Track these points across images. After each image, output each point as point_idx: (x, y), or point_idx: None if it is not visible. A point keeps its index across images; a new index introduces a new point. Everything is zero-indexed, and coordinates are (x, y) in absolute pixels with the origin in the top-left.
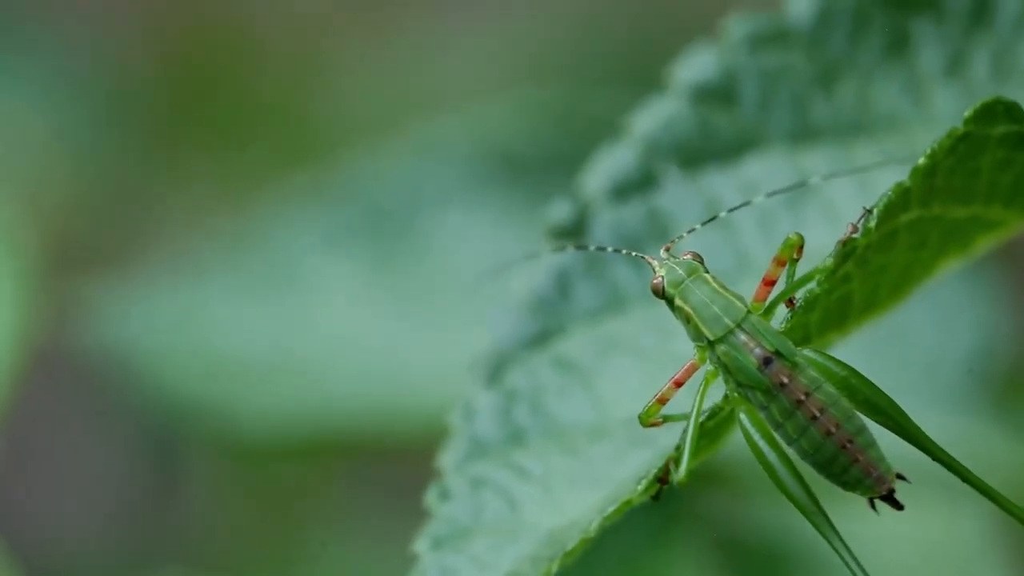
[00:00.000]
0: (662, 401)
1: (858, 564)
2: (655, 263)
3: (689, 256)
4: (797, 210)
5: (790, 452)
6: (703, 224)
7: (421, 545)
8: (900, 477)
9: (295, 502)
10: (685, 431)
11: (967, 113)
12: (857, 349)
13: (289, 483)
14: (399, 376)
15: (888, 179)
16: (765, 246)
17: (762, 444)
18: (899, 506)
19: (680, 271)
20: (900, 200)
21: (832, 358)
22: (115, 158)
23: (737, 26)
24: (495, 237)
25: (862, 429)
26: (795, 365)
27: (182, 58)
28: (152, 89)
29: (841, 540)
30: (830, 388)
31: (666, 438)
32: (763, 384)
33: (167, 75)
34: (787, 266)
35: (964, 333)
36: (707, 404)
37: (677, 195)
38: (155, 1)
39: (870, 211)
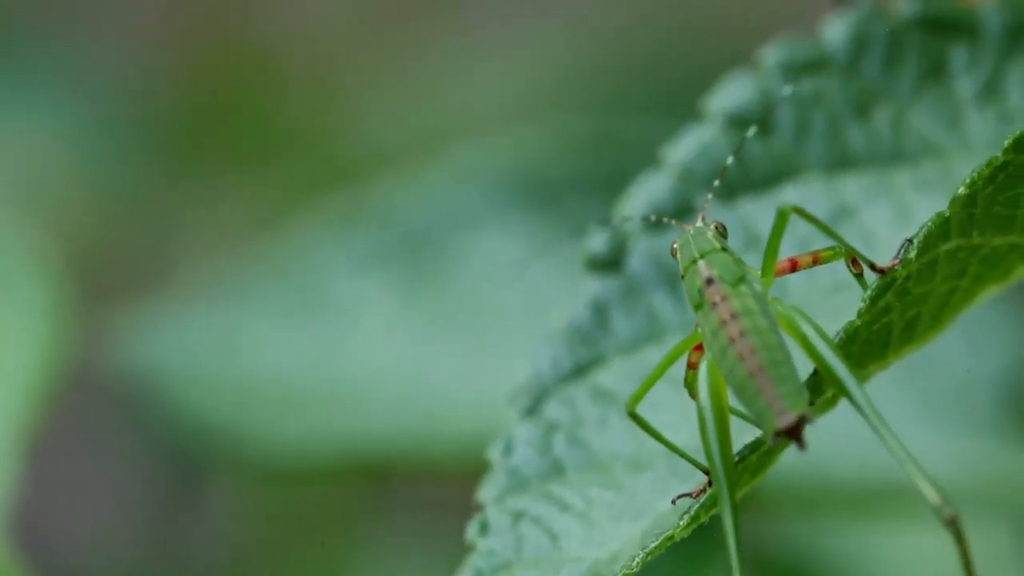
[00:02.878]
0: (691, 366)
1: (742, 560)
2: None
3: (713, 224)
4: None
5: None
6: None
7: None
8: (804, 419)
9: (324, 527)
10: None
11: (1007, 142)
12: (887, 373)
13: (318, 508)
14: (430, 401)
15: (926, 207)
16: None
17: (705, 399)
18: (801, 445)
19: (692, 233)
20: (940, 230)
21: (792, 308)
22: (138, 182)
23: (772, 54)
24: (526, 260)
25: (777, 363)
26: (734, 290)
27: (205, 81)
28: (175, 113)
29: (736, 525)
30: (761, 320)
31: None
32: (701, 303)
33: (190, 99)
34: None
35: (995, 357)
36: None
37: None
38: (178, 25)
39: (910, 241)
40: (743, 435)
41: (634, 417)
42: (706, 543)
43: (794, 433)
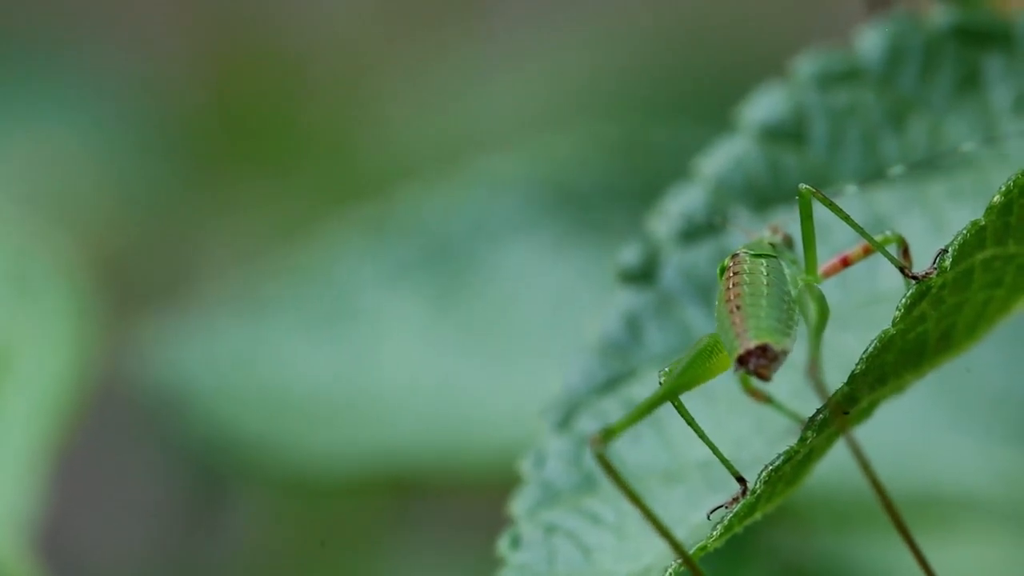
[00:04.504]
0: None
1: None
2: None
3: (780, 235)
4: None
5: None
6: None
7: None
8: (767, 349)
9: (349, 540)
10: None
11: None
12: (922, 381)
13: (344, 521)
14: (458, 414)
15: (961, 219)
16: (837, 283)
17: (703, 344)
18: (763, 376)
19: (754, 239)
20: (975, 238)
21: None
22: (163, 191)
23: (806, 64)
24: (557, 270)
25: (757, 305)
26: (753, 260)
27: (228, 90)
28: (199, 122)
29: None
30: (763, 279)
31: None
32: (721, 275)
33: (213, 106)
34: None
35: None
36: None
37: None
38: (201, 31)
39: (945, 250)
40: (777, 446)
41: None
42: (739, 555)
43: (755, 359)
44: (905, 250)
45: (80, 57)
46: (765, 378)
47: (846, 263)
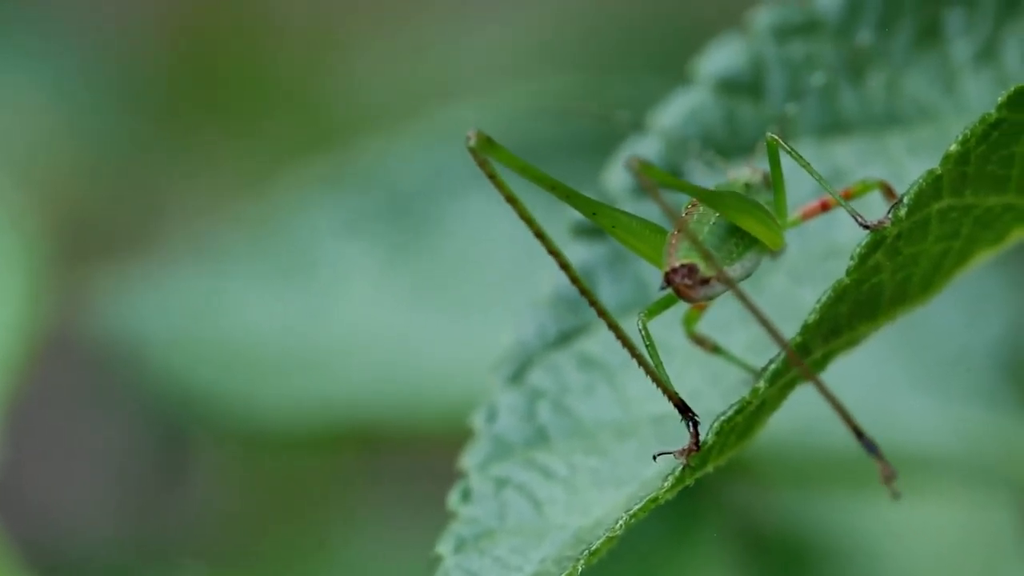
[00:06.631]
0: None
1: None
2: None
3: (759, 175)
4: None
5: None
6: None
7: (444, 547)
8: (692, 269)
9: (309, 494)
10: None
11: (1000, 99)
12: (883, 339)
13: (303, 474)
14: (417, 365)
15: (921, 171)
16: (795, 235)
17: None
18: (687, 296)
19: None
20: (931, 188)
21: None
22: (126, 142)
23: (763, 16)
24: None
25: (694, 231)
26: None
27: (196, 39)
28: (165, 71)
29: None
30: (715, 212)
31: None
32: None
33: (180, 57)
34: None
35: (992, 324)
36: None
37: None
38: None
39: (900, 199)
40: (731, 399)
41: (644, 330)
42: (695, 511)
43: (680, 278)
44: (888, 190)
45: (43, 9)
46: (689, 299)
47: (825, 207)
